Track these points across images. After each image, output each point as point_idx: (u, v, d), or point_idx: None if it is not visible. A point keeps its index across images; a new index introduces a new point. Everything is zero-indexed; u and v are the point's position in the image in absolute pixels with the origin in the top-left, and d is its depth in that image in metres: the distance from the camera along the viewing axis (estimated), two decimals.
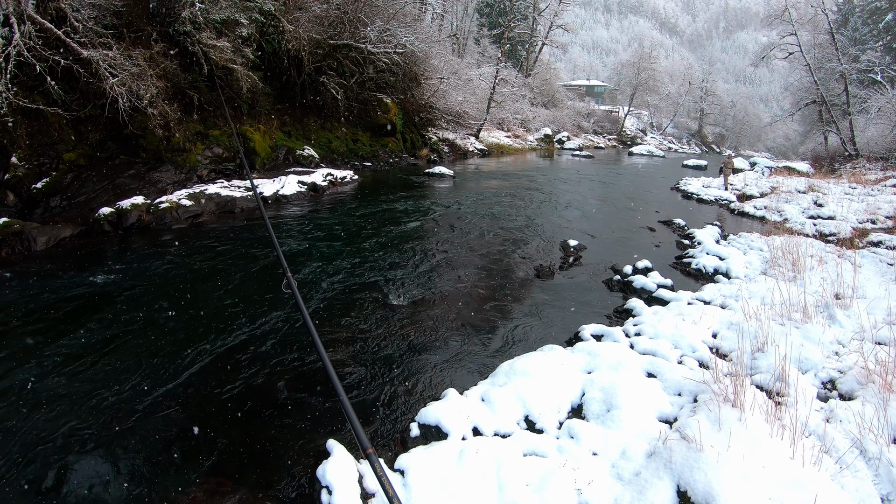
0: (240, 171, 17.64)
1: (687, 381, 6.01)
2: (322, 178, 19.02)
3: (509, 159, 39.58)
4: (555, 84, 72.21)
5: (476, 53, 55.29)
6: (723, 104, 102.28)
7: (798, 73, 47.39)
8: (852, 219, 18.48)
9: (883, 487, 4.39)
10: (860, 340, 7.09)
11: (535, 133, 55.23)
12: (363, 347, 7.41)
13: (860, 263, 11.85)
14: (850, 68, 43.65)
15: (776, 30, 46.72)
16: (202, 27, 16.44)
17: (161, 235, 12.36)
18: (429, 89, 32.44)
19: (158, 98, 14.24)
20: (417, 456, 4.81)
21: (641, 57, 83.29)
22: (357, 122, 26.68)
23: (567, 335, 8.32)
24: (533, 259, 12.25)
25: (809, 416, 5.07)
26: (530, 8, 60.67)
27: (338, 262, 10.82)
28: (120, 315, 7.98)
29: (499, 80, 44.23)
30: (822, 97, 43.13)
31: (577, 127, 71.29)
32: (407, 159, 28.92)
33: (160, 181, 14.52)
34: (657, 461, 4.62)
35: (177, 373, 6.46)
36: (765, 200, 23.66)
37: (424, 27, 35.33)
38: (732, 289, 10.43)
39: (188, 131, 16.18)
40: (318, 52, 23.05)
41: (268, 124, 20.81)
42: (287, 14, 20.67)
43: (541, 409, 5.69)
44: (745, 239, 15.33)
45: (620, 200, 22.79)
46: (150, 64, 14.57)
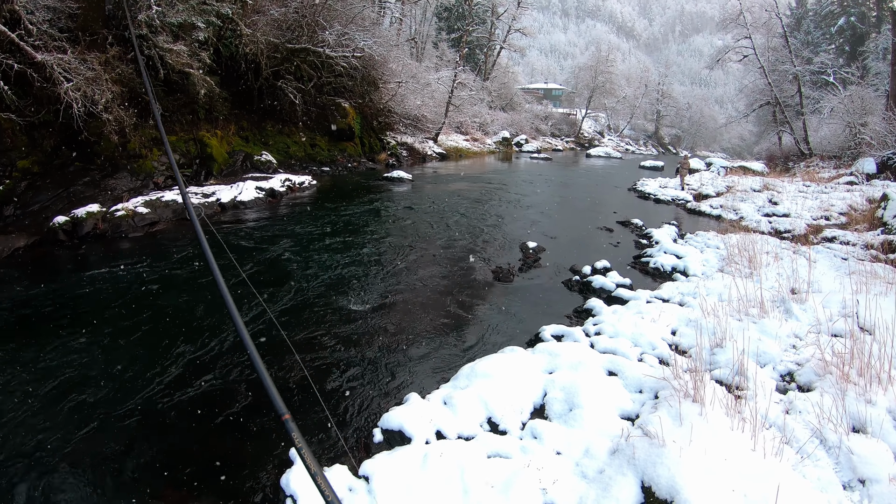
0: (196, 178, 17.49)
1: (647, 378, 6.10)
2: (280, 183, 18.95)
3: (468, 162, 39.73)
4: (513, 87, 72.62)
5: (434, 57, 55.24)
6: (679, 106, 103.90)
7: (752, 76, 48.35)
8: (806, 216, 18.89)
9: (844, 475, 4.51)
10: (816, 333, 7.24)
11: (494, 136, 55.38)
12: (324, 354, 7.42)
13: (815, 259, 11.99)
14: (804, 70, 44.73)
15: (731, 33, 47.62)
16: (158, 31, 16.25)
17: (118, 244, 12.25)
18: (387, 93, 32.46)
19: (114, 103, 14.07)
20: (381, 462, 4.82)
21: (598, 60, 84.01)
22: (315, 126, 26.57)
23: (527, 336, 8.39)
24: (492, 261, 12.37)
25: (769, 409, 5.23)
26: (488, 12, 60.87)
27: (296, 269, 10.83)
28: (76, 327, 7.90)
29: (457, 84, 44.30)
30: (776, 98, 44.08)
31: (535, 130, 71.62)
32: (365, 164, 28.89)
33: (116, 188, 14.32)
34: (620, 458, 4.68)
35: (136, 385, 6.41)
36: (721, 199, 24.11)
37: (383, 31, 35.41)
38: (690, 286, 10.58)
39: (144, 137, 15.95)
40: (275, 57, 22.96)
41: (225, 129, 20.62)
42: (245, 17, 20.54)
43: (503, 411, 5.71)
44: (701, 237, 15.61)
45: (579, 202, 23.08)
46: (106, 68, 14.38)
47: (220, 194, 16.25)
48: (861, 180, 26.15)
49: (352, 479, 4.67)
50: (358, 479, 4.66)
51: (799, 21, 72.58)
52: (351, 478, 4.68)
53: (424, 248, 13.16)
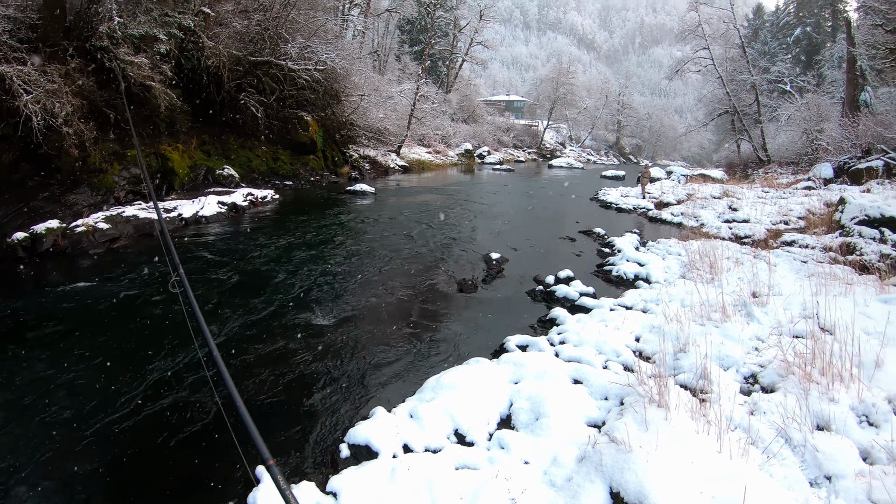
0: (158, 192, 17.35)
1: (612, 385, 6.18)
2: (242, 198, 18.89)
3: (430, 175, 39.88)
4: (475, 100, 73.07)
5: (397, 70, 55.49)
6: (639, 116, 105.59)
7: (711, 86, 49.27)
8: (766, 221, 19.18)
9: (810, 472, 4.60)
10: (778, 335, 7.40)
11: (456, 148, 55.58)
12: (290, 370, 7.41)
13: (775, 262, 12.12)
14: (761, 79, 45.91)
15: (690, 44, 48.54)
16: (120, 42, 16.13)
17: (78, 261, 12.10)
18: (349, 106, 32.43)
19: (74, 116, 13.94)
20: (349, 477, 4.81)
21: (560, 72, 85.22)
22: (277, 140, 26.46)
23: (492, 347, 8.45)
24: (457, 273, 12.41)
25: (734, 411, 5.30)
26: (451, 25, 61.31)
27: (260, 284, 10.80)
28: (35, 345, 7.83)
29: (419, 97, 44.44)
30: (735, 107, 44.99)
31: (498, 141, 72.02)
32: (328, 177, 28.82)
33: (76, 203, 14.15)
34: (588, 465, 4.71)
35: (99, 402, 6.34)
36: (681, 207, 24.34)
37: (345, 44, 35.40)
38: (653, 293, 10.68)
39: (105, 151, 15.78)
40: (238, 69, 22.88)
41: (187, 143, 20.47)
42: (207, 30, 20.45)
43: (470, 422, 5.73)
44: (663, 245, 15.76)
45: (541, 212, 23.34)
46: (66, 80, 14.23)
47: (182, 209, 16.14)
48: (818, 185, 26.71)
49: (319, 495, 4.67)
50: (326, 496, 4.67)
51: (756, 32, 74.56)
52: (319, 494, 4.68)
53: (388, 261, 13.20)
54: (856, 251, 13.12)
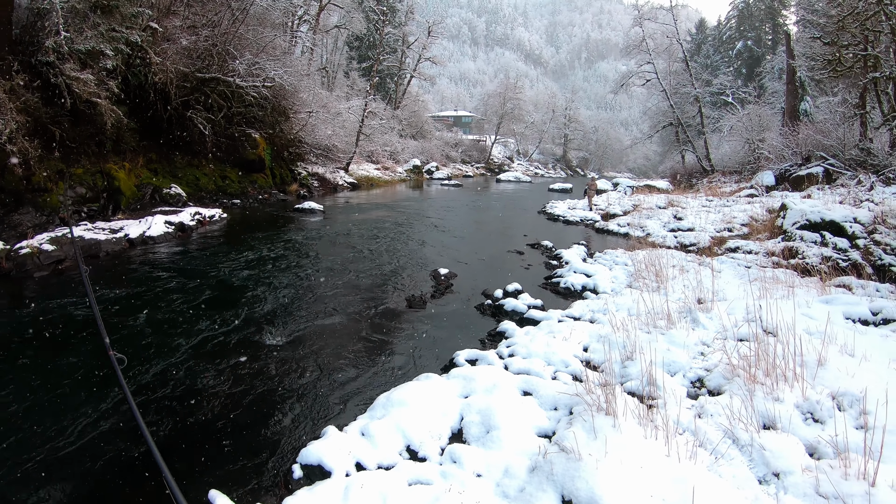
0: (104, 212, 17.11)
1: (561, 395, 6.28)
2: (190, 217, 18.70)
3: (379, 191, 39.94)
4: (423, 115, 73.33)
5: (346, 86, 55.44)
6: (586, 129, 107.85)
7: (655, 99, 50.68)
8: (710, 229, 19.93)
9: (758, 470, 4.77)
10: (723, 339, 7.62)
11: (405, 164, 55.77)
12: (240, 391, 7.35)
13: (719, 269, 12.72)
14: (704, 92, 47.33)
15: (634, 59, 49.86)
16: (66, 58, 15.92)
17: (23, 284, 11.82)
18: (298, 123, 32.33)
19: (19, 133, 13.73)
20: (302, 498, 4.78)
21: (507, 87, 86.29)
22: (225, 158, 26.24)
23: (442, 362, 8.53)
24: (405, 290, 12.47)
25: (681, 415, 5.52)
26: (399, 41, 61.67)
27: (206, 306, 10.68)
28: None
29: (368, 113, 44.50)
30: (679, 119, 46.25)
31: (446, 157, 72.49)
32: (276, 195, 28.68)
33: (20, 224, 13.86)
34: (540, 475, 4.80)
35: (34, 434, 6.14)
36: (628, 218, 25.18)
37: (294, 60, 35.35)
38: (600, 303, 10.88)
39: (49, 170, 15.51)
40: (185, 86, 22.68)
41: (133, 161, 20.17)
42: (154, 45, 20.32)
43: (421, 438, 5.78)
44: (610, 255, 16.21)
45: (490, 226, 23.65)
46: (11, 96, 14.02)
47: (129, 230, 15.88)
48: (761, 192, 27.76)
49: None
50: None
51: (699, 46, 76.70)
52: None
53: (337, 279, 13.22)
54: (798, 255, 13.71)
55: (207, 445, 6.06)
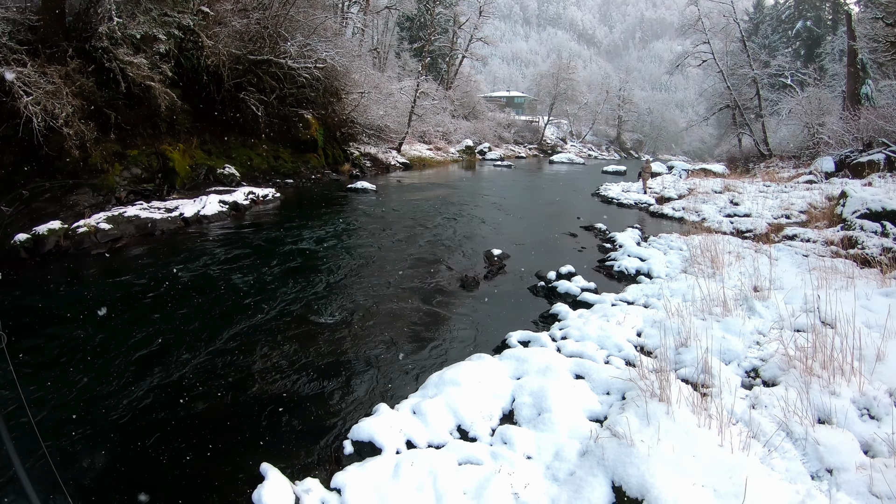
0: (159, 192, 17.34)
1: (614, 379, 6.17)
2: (244, 196, 18.87)
3: (431, 172, 39.86)
4: (475, 96, 72.86)
5: (397, 67, 55.43)
6: (640, 111, 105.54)
7: (712, 80, 49.36)
8: (767, 215, 19.33)
9: (811, 465, 4.61)
10: (780, 329, 7.40)
11: (457, 145, 55.49)
12: (293, 369, 7.39)
13: (776, 257, 12.32)
14: (762, 73, 45.70)
15: (690, 39, 48.53)
16: (119, 43, 16.12)
17: (80, 261, 12.06)
18: (350, 104, 32.35)
19: (74, 117, 13.95)
20: (353, 473, 4.81)
21: (560, 67, 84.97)
22: (278, 138, 26.41)
23: (495, 343, 8.46)
24: (458, 270, 12.39)
25: (735, 404, 5.35)
26: (450, 21, 61.08)
27: (262, 283, 10.76)
28: (39, 346, 7.82)
29: (420, 94, 44.36)
30: (736, 101, 44.98)
31: (498, 137, 72.03)
32: (329, 175, 28.77)
33: (78, 204, 14.11)
34: (590, 459, 4.72)
35: (101, 403, 6.32)
36: (683, 202, 24.55)
37: (345, 42, 35.24)
38: (654, 288, 10.72)
39: (105, 151, 15.77)
40: (237, 68, 22.83)
41: (187, 143, 20.43)
42: (206, 29, 20.43)
43: (473, 418, 5.77)
44: (664, 240, 15.79)
45: (542, 208, 23.35)
46: (66, 81, 14.24)
47: (184, 209, 16.08)
48: (820, 179, 26.81)
49: (324, 491, 4.69)
50: (330, 492, 4.67)
51: (757, 26, 74.26)
52: (323, 490, 4.70)
53: (390, 258, 13.19)
54: (857, 245, 13.16)
55: (260, 419, 6.17)
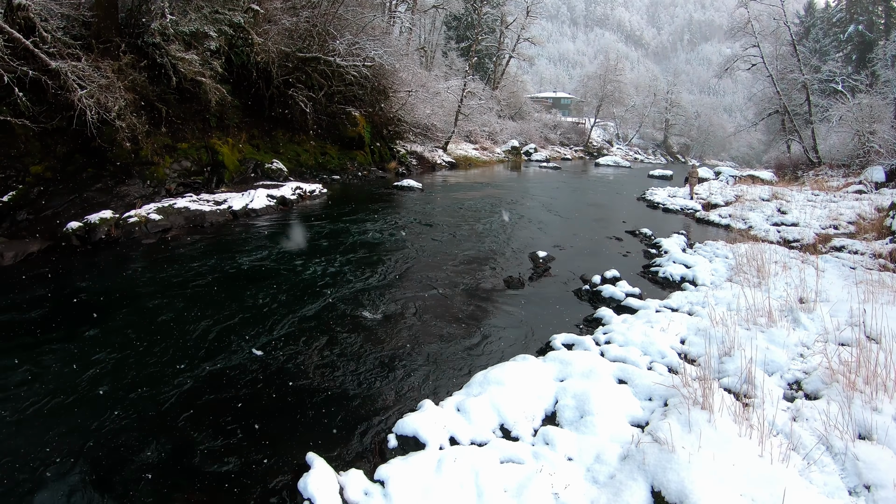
0: (208, 185, 17.55)
1: (657, 386, 6.16)
2: (291, 191, 18.99)
3: (477, 171, 39.76)
4: (522, 96, 72.69)
5: (444, 66, 55.36)
6: (687, 115, 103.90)
7: (761, 84, 48.11)
8: (815, 225, 18.90)
9: (850, 480, 4.53)
10: (824, 342, 7.31)
11: (503, 145, 55.35)
12: (338, 362, 7.44)
13: (823, 268, 12.11)
14: (812, 78, 44.51)
15: (739, 42, 47.38)
16: (171, 39, 16.36)
17: (130, 250, 12.28)
18: (397, 102, 32.41)
19: (127, 110, 14.15)
20: (396, 466, 4.86)
21: (607, 69, 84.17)
22: (325, 135, 26.61)
23: (538, 345, 8.43)
24: (503, 271, 12.35)
25: (776, 416, 5.23)
26: (497, 21, 60.94)
27: (309, 277, 10.84)
28: (91, 331, 7.94)
29: (466, 93, 44.32)
30: (785, 107, 43.88)
31: (545, 139, 71.72)
32: (375, 172, 28.87)
33: (128, 195, 14.37)
34: (631, 463, 4.73)
35: (146, 390, 6.43)
36: (729, 209, 24.07)
37: (393, 40, 35.34)
38: (699, 296, 10.57)
39: (156, 144, 16.02)
40: (286, 65, 23.04)
41: (236, 137, 20.68)
42: (256, 27, 20.62)
43: (515, 418, 5.78)
44: (710, 247, 15.52)
45: (588, 211, 23.07)
46: (119, 76, 14.48)
47: (232, 202, 16.27)
48: (870, 189, 26.12)
49: (367, 483, 4.72)
50: (373, 484, 4.72)
51: (808, 29, 72.49)
52: (366, 482, 4.74)
53: (435, 256, 13.16)
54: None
55: (306, 410, 6.27)
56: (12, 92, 12.01)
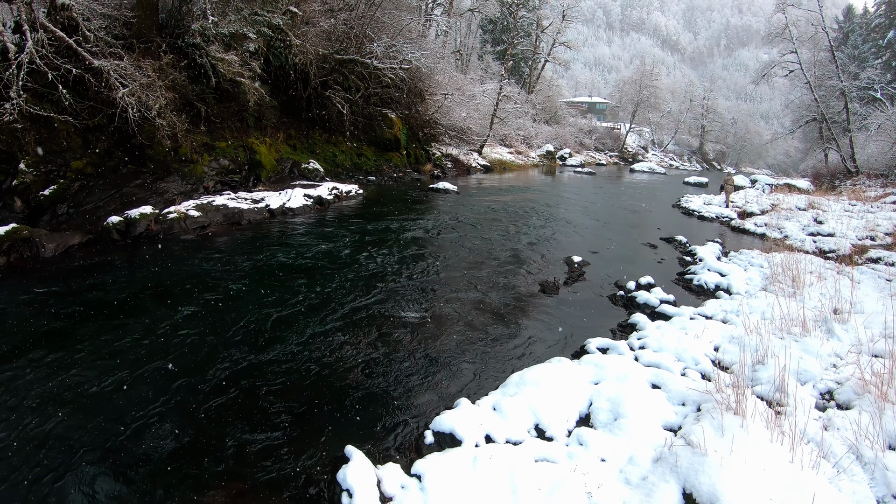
0: (245, 184, 17.69)
1: (690, 391, 6.21)
2: (328, 191, 19.07)
3: (512, 175, 39.67)
4: (557, 101, 72.56)
5: (479, 70, 55.35)
6: (724, 121, 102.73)
7: (799, 91, 47.32)
8: (852, 235, 18.63)
9: (878, 490, 4.58)
10: (857, 353, 7.35)
11: (538, 149, 55.28)
12: (376, 360, 7.51)
13: (859, 279, 12.07)
14: (850, 86, 43.64)
15: (777, 47, 46.64)
16: (211, 40, 16.53)
17: (170, 246, 12.41)
18: (433, 105, 32.47)
19: (167, 109, 14.33)
20: (433, 461, 4.97)
21: (643, 74, 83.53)
22: (362, 136, 26.74)
23: (573, 348, 8.47)
24: (538, 274, 12.33)
25: (808, 424, 5.31)
26: (533, 25, 60.89)
27: (347, 276, 10.89)
28: (131, 322, 8.04)
29: (502, 97, 44.34)
30: (823, 114, 43.08)
31: (579, 144, 71.47)
32: (411, 174, 28.92)
33: (167, 191, 14.53)
34: (663, 466, 4.82)
35: (187, 380, 6.53)
36: (765, 217, 23.79)
37: (429, 43, 35.45)
38: (733, 304, 10.61)
39: (195, 142, 16.19)
40: (324, 67, 23.16)
41: (274, 137, 20.83)
42: (294, 28, 20.77)
43: (550, 418, 5.87)
44: (745, 256, 15.42)
45: (622, 217, 22.88)
46: (160, 75, 14.67)
47: (269, 200, 16.37)
48: None
49: (404, 476, 4.85)
50: (410, 478, 4.84)
51: (846, 35, 71.19)
52: (403, 476, 4.86)
53: (472, 259, 13.14)
54: None
55: (343, 405, 6.35)
56: (56, 89, 12.22)
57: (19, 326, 7.76)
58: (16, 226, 11.04)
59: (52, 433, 5.44)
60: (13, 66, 11.60)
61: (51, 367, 6.61)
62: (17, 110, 11.62)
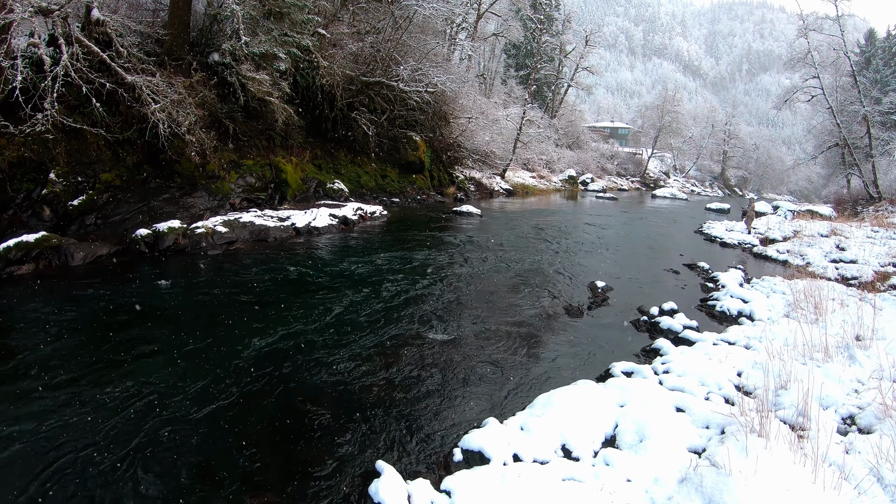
0: (271, 201, 17.79)
1: (714, 414, 6.32)
2: (353, 212, 19.14)
3: (534, 199, 39.65)
4: (579, 125, 72.47)
5: (503, 94, 55.47)
6: (746, 147, 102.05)
7: (821, 116, 47.03)
8: (874, 262, 18.43)
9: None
10: (879, 379, 7.46)
11: (560, 174, 55.27)
12: (405, 380, 7.55)
13: (881, 306, 12.01)
14: (873, 111, 43.27)
15: (799, 73, 46.37)
16: (241, 59, 16.71)
17: (197, 260, 12.53)
18: (457, 128, 32.64)
19: (196, 126, 14.49)
20: (462, 478, 5.09)
21: (665, 99, 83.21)
22: (386, 157, 26.92)
23: (598, 371, 8.51)
24: (562, 299, 12.30)
25: (830, 448, 5.42)
26: (556, 50, 61.19)
27: (374, 296, 10.92)
28: (159, 333, 8.16)
29: (525, 121, 44.43)
30: (845, 140, 42.69)
31: (601, 169, 71.35)
32: (434, 196, 29.01)
33: (193, 206, 14.67)
34: (688, 486, 4.94)
35: (216, 391, 6.59)
36: (787, 244, 23.63)
37: (453, 67, 35.66)
38: (756, 330, 10.59)
39: (223, 159, 16.36)
40: (350, 88, 23.37)
41: (300, 156, 21.00)
42: (322, 50, 20.98)
43: (577, 439, 5.97)
44: (768, 282, 15.29)
45: (645, 243, 22.77)
46: (190, 92, 14.85)
47: (295, 219, 16.45)
48: None
49: (434, 492, 4.95)
50: (439, 493, 4.95)
51: (868, 59, 70.65)
52: (433, 491, 4.96)
53: (497, 281, 13.16)
54: None
55: (375, 422, 6.41)
56: (89, 102, 12.40)
57: (59, 330, 7.89)
58: (45, 234, 11.17)
59: (72, 438, 5.49)
60: (48, 78, 11.79)
61: (89, 369, 6.73)
62: (50, 121, 11.78)
